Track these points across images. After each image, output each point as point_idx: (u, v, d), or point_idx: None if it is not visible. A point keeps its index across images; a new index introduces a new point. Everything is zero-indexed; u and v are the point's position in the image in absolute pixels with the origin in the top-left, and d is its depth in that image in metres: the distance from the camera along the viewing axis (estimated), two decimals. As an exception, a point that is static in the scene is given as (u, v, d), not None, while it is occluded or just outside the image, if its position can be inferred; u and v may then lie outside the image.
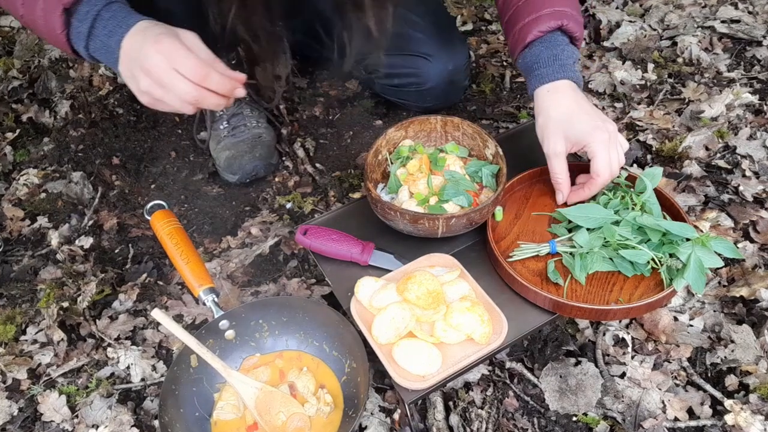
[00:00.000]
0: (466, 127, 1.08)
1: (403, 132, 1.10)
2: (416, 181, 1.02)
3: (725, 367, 1.00)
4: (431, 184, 1.01)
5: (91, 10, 0.85)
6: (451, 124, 1.09)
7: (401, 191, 1.03)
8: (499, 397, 0.99)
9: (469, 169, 1.05)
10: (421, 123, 1.10)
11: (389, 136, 1.08)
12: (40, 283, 1.22)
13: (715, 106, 1.44)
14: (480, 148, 1.07)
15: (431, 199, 1.00)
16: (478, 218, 0.97)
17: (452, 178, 1.01)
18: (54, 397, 1.04)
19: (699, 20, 1.72)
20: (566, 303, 0.92)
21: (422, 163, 1.04)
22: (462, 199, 0.98)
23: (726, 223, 1.20)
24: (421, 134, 1.11)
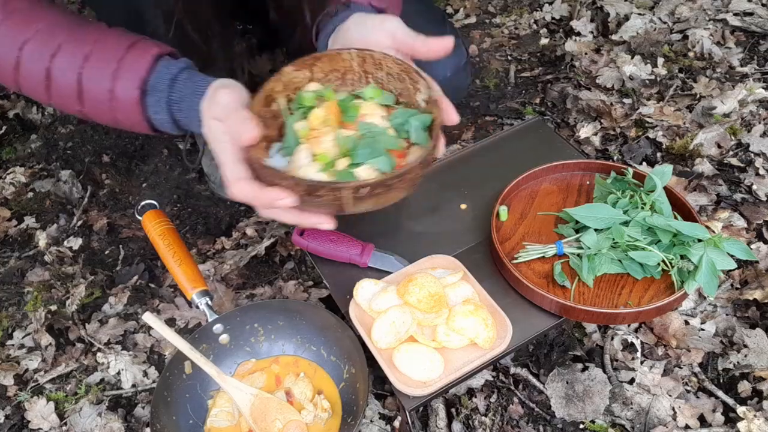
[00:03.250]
0: (392, 65, 0.84)
1: (308, 72, 0.86)
2: (320, 137, 0.80)
3: (738, 373, 1.00)
4: (341, 142, 0.79)
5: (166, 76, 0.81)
6: (372, 60, 0.85)
7: (299, 152, 0.79)
8: (504, 404, 0.99)
9: (393, 121, 0.82)
10: (331, 59, 0.86)
11: (287, 77, 0.84)
12: (27, 285, 1.22)
13: (727, 101, 1.44)
14: (410, 92, 0.84)
15: (339, 162, 0.77)
16: (402, 186, 0.75)
17: (369, 132, 0.79)
18: (42, 403, 1.04)
19: (711, 13, 1.72)
20: (573, 306, 0.92)
21: (329, 112, 0.82)
22: (382, 160, 0.76)
23: (739, 223, 1.20)
24: (332, 75, 0.88)
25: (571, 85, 1.56)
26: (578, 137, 1.42)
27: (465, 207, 1.13)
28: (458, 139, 1.46)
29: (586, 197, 1.11)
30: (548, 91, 1.56)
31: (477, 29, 1.81)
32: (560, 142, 1.25)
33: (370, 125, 0.80)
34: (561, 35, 1.75)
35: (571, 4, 1.82)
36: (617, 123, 1.44)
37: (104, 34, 0.82)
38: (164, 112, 0.82)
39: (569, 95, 1.52)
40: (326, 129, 0.80)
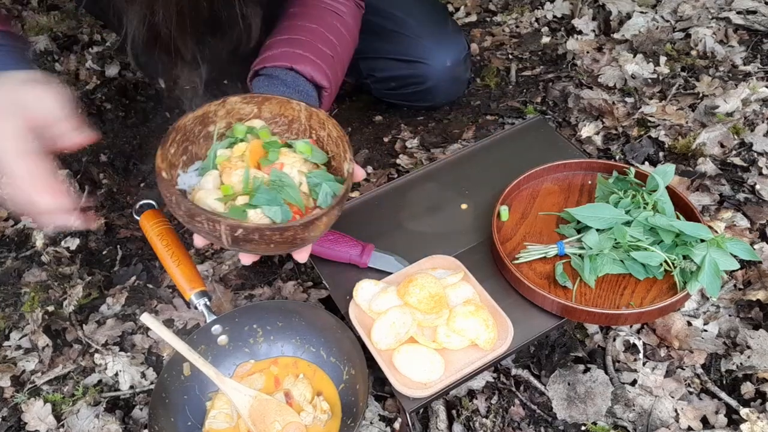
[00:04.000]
0: (333, 128, 0.87)
1: (255, 108, 0.89)
2: (233, 169, 0.82)
3: (741, 374, 1.00)
4: (248, 180, 0.80)
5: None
6: (317, 118, 0.88)
7: (209, 176, 0.83)
8: (505, 406, 0.99)
9: (310, 179, 0.84)
10: (282, 105, 0.89)
11: (232, 106, 0.87)
12: (24, 286, 1.22)
13: (730, 100, 1.44)
14: (340, 159, 0.87)
15: (239, 199, 0.79)
16: (278, 239, 0.74)
17: (278, 180, 0.80)
18: (39, 405, 1.04)
19: (714, 11, 1.72)
20: (575, 307, 0.92)
21: (250, 149, 0.84)
22: (275, 210, 0.78)
23: (742, 223, 1.20)
24: (280, 120, 0.91)
25: (572, 83, 1.56)
26: (580, 136, 1.42)
27: (466, 207, 1.13)
28: (459, 139, 1.46)
29: (587, 197, 1.11)
30: (550, 90, 1.56)
31: (478, 28, 1.81)
32: (562, 141, 1.25)
33: (282, 174, 0.82)
34: (562, 34, 1.75)
35: (572, 2, 1.82)
36: (619, 122, 1.44)
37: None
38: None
39: (571, 94, 1.52)
40: (241, 164, 0.83)
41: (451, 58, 1.36)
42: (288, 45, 1.04)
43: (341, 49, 1.11)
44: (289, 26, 1.08)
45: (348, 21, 1.14)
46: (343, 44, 1.12)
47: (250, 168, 0.81)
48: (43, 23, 1.87)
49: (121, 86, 1.66)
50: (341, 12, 1.12)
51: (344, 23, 1.12)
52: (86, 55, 1.78)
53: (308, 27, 1.07)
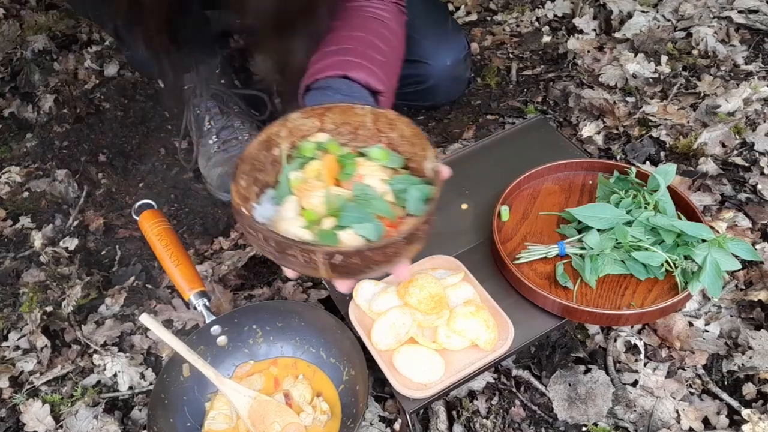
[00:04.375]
0: (404, 127, 0.80)
1: (317, 121, 0.82)
2: (311, 191, 0.76)
3: (743, 375, 1.00)
4: (331, 200, 0.74)
5: None
6: (385, 120, 0.82)
7: (287, 203, 0.76)
8: (505, 407, 0.99)
9: (393, 186, 0.77)
10: (343, 112, 0.82)
11: (293, 123, 0.81)
12: (22, 286, 1.22)
13: (731, 100, 1.44)
14: (419, 158, 0.80)
15: (325, 221, 0.73)
16: (380, 259, 0.68)
17: (362, 194, 0.75)
18: (37, 406, 1.04)
19: (715, 10, 1.72)
20: (576, 307, 0.92)
21: (325, 167, 0.78)
22: (368, 227, 0.71)
23: (743, 223, 1.20)
24: (344, 128, 0.84)
25: (573, 83, 1.56)
26: (581, 136, 1.42)
27: (466, 207, 1.13)
28: (459, 138, 1.46)
29: (588, 197, 1.11)
30: (550, 90, 1.56)
31: (478, 27, 1.81)
32: (562, 141, 1.25)
33: (365, 187, 0.75)
34: (563, 33, 1.75)
35: (573, 1, 1.82)
36: (620, 122, 1.44)
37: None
38: None
39: (572, 94, 1.52)
40: (318, 184, 0.76)
41: (452, 58, 1.37)
42: (337, 54, 1.01)
43: (391, 54, 1.07)
44: (334, 37, 1.05)
45: (393, 26, 1.10)
46: (392, 49, 1.08)
47: (330, 186, 0.76)
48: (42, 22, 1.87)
49: (120, 85, 1.67)
50: (385, 18, 1.09)
51: (390, 29, 1.09)
52: (85, 54, 1.78)
53: (354, 36, 1.04)
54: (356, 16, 1.08)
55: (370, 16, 1.08)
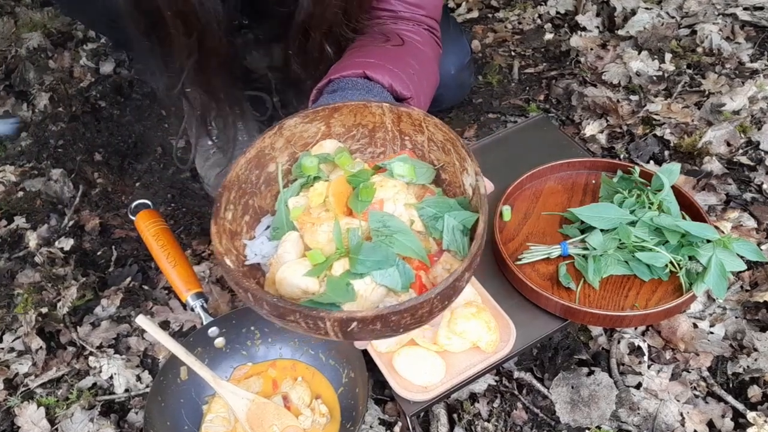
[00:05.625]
0: (434, 129, 0.64)
1: (322, 125, 0.66)
2: (316, 225, 0.59)
3: (748, 377, 1.00)
4: (339, 236, 0.58)
5: None
6: (409, 119, 0.65)
7: (286, 240, 0.60)
8: (507, 410, 0.99)
9: (424, 212, 0.61)
10: (356, 112, 0.66)
11: (293, 131, 0.65)
12: (17, 287, 1.22)
13: (737, 98, 1.44)
14: (456, 170, 0.63)
15: (336, 265, 0.57)
16: (408, 322, 0.53)
17: (382, 227, 0.58)
18: (32, 409, 1.04)
19: (720, 7, 1.72)
20: (578, 309, 0.92)
21: (333, 192, 0.61)
22: (392, 276, 0.56)
23: (749, 223, 1.20)
24: (358, 132, 0.67)
25: (576, 81, 1.56)
26: (584, 135, 1.42)
27: (467, 207, 1.13)
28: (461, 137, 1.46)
29: (591, 197, 1.11)
30: (553, 88, 1.56)
31: (479, 24, 1.81)
32: (565, 140, 1.25)
33: (385, 217, 0.58)
34: (566, 30, 1.75)
35: (576, -2, 1.82)
36: (624, 120, 1.44)
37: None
38: None
39: (574, 92, 1.52)
40: (325, 214, 0.60)
41: (456, 65, 1.34)
42: (358, 57, 0.88)
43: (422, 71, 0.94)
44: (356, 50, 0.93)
45: (426, 51, 0.99)
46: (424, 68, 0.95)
47: (340, 218, 0.59)
48: (37, 20, 1.87)
49: (116, 84, 1.67)
50: (417, 41, 0.99)
51: (422, 52, 0.98)
52: (80, 52, 1.78)
53: (381, 48, 0.92)
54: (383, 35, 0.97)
55: (399, 35, 0.97)
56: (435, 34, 1.06)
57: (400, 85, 0.85)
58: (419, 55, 0.96)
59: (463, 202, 0.62)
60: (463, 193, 0.62)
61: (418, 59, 0.95)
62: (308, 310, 0.51)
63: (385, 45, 0.93)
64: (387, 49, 0.92)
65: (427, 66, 0.98)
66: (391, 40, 0.95)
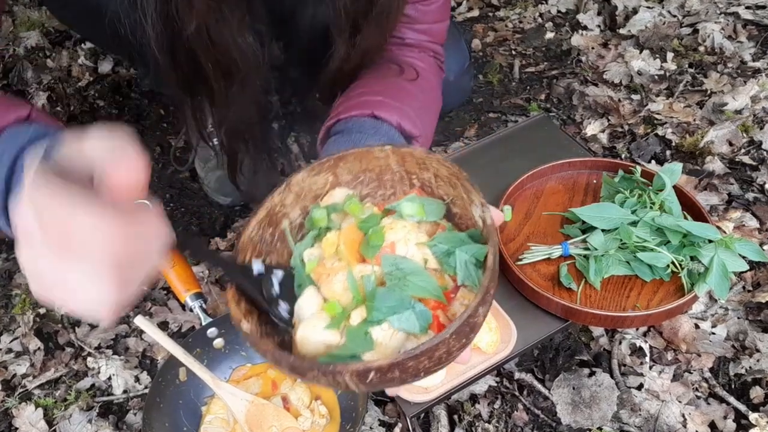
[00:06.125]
0: (438, 166, 0.64)
1: (330, 176, 0.67)
2: (331, 275, 0.59)
3: (750, 378, 1.00)
4: (354, 284, 0.58)
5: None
6: (412, 159, 0.66)
7: (304, 295, 0.60)
8: (508, 411, 0.99)
9: (436, 249, 0.61)
10: (361, 158, 0.66)
11: (302, 186, 0.65)
12: (15, 287, 1.22)
13: (739, 98, 1.44)
14: (465, 203, 0.64)
15: (354, 314, 0.56)
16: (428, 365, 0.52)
17: (395, 270, 0.58)
18: (30, 410, 1.04)
19: (722, 6, 1.72)
20: (580, 309, 0.92)
21: (343, 240, 0.61)
22: (409, 319, 0.56)
23: (751, 223, 1.20)
24: (366, 176, 0.68)
25: (577, 80, 1.56)
26: (585, 134, 1.42)
27: (468, 207, 1.13)
28: (461, 137, 1.46)
29: (593, 196, 1.11)
30: (554, 87, 1.56)
31: (480, 23, 1.81)
32: (566, 139, 1.25)
33: (397, 260, 0.58)
34: (567, 29, 1.75)
35: (577, -4, 1.82)
36: (625, 120, 1.44)
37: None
38: (5, 166, 0.61)
39: (575, 91, 1.52)
40: (338, 264, 0.60)
41: (455, 71, 1.33)
42: (364, 96, 0.88)
43: (427, 102, 0.95)
44: (362, 83, 0.93)
45: (431, 78, 0.99)
46: (429, 98, 0.96)
47: (353, 266, 0.59)
48: (35, 18, 1.87)
49: (115, 83, 1.66)
50: (421, 68, 0.97)
51: (427, 80, 0.97)
52: (78, 51, 1.78)
53: (387, 81, 0.91)
54: (388, 63, 0.96)
55: (404, 63, 0.96)
56: (439, 59, 1.04)
57: (408, 123, 0.85)
58: (426, 86, 0.96)
59: (474, 234, 0.62)
60: (475, 225, 0.62)
61: (425, 91, 0.95)
62: (325, 367, 0.51)
63: (397, 79, 0.92)
64: (395, 82, 0.91)
65: (433, 96, 0.99)
66: (405, 72, 0.93)
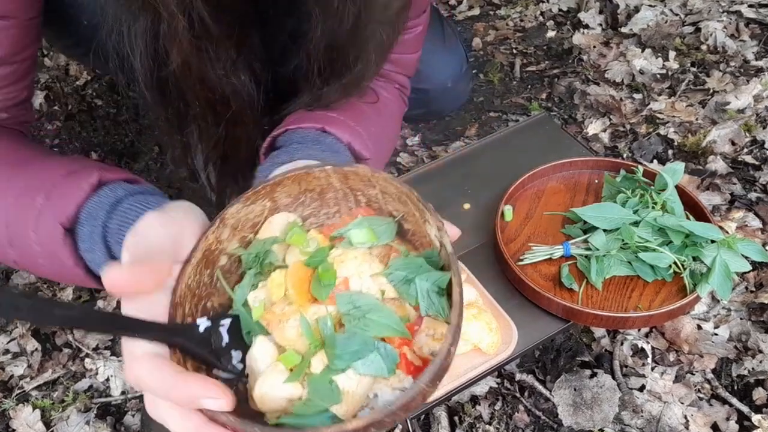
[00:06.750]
0: (385, 183, 0.59)
1: (267, 202, 0.61)
2: (283, 320, 0.54)
3: (753, 380, 1.00)
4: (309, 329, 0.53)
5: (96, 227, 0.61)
6: (356, 177, 0.60)
7: (258, 345, 0.54)
8: (509, 412, 0.99)
9: (392, 276, 0.56)
10: (300, 180, 0.61)
11: (238, 217, 0.59)
12: (12, 288, 1.22)
13: (741, 97, 1.44)
14: (417, 220, 0.60)
15: (314, 361, 0.51)
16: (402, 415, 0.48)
17: (353, 308, 0.53)
18: (27, 411, 1.04)
19: (724, 4, 1.72)
20: (581, 310, 0.92)
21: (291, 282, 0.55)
22: (375, 363, 0.51)
23: (754, 223, 1.20)
24: (306, 197, 0.63)
25: (578, 79, 1.56)
26: (586, 134, 1.42)
27: (468, 207, 1.13)
28: (461, 136, 1.46)
29: (594, 196, 1.11)
30: (555, 86, 1.56)
31: (480, 21, 1.81)
32: (567, 138, 1.25)
33: (353, 297, 0.54)
34: (568, 28, 1.75)
35: (578, -5, 1.82)
36: (627, 119, 1.44)
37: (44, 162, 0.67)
38: (99, 248, 0.61)
39: (577, 90, 1.52)
40: (289, 308, 0.54)
41: (453, 78, 1.32)
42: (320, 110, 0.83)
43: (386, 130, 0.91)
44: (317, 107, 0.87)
45: (393, 108, 0.95)
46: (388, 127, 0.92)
47: (305, 309, 0.53)
48: (32, 17, 1.87)
49: (113, 82, 1.67)
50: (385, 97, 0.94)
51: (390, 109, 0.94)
52: (76, 49, 1.78)
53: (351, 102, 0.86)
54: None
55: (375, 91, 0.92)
56: (404, 92, 1.01)
57: (359, 144, 0.80)
58: (385, 111, 0.93)
59: (431, 256, 0.58)
60: (431, 244, 0.58)
61: (383, 116, 0.92)
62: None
63: (357, 101, 0.88)
64: (353, 104, 0.87)
65: (391, 123, 0.96)
66: (365, 96, 0.89)
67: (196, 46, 0.70)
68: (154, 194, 0.66)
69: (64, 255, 0.62)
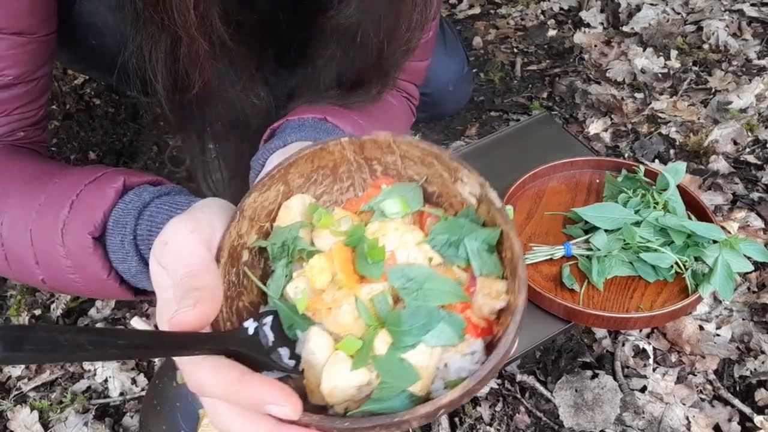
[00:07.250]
0: (407, 147, 0.57)
1: (281, 186, 0.59)
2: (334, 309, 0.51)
3: (755, 381, 1.00)
4: (366, 311, 0.50)
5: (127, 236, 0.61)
6: (373, 144, 0.58)
7: (313, 338, 0.51)
8: (510, 413, 0.99)
9: (435, 241, 0.54)
10: (312, 158, 0.59)
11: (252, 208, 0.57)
12: (9, 289, 1.22)
13: (744, 96, 1.44)
14: (445, 181, 0.57)
15: (377, 343, 0.49)
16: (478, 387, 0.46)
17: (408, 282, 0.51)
18: (25, 412, 1.04)
19: (726, 3, 1.72)
20: (582, 311, 0.92)
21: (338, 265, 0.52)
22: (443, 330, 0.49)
23: (756, 223, 1.20)
24: (319, 176, 0.61)
25: (580, 78, 1.56)
26: (587, 133, 1.42)
27: (469, 206, 1.13)
28: (462, 136, 1.46)
29: (595, 196, 1.11)
30: (556, 85, 1.56)
31: (481, 20, 1.81)
32: (568, 138, 1.25)
33: (405, 270, 0.51)
34: (569, 26, 1.75)
35: (580, -7, 1.82)
36: (628, 118, 1.44)
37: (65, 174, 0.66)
38: (132, 256, 0.61)
39: (578, 89, 1.52)
40: (339, 293, 0.51)
41: (454, 81, 1.32)
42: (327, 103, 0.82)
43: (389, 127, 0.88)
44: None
45: (399, 115, 0.95)
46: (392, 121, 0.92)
47: (357, 291, 0.51)
48: (30, 16, 1.87)
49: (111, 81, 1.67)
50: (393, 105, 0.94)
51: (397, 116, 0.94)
52: (74, 48, 1.78)
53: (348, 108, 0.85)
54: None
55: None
56: (412, 102, 1.00)
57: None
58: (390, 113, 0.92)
59: (468, 214, 0.56)
60: (462, 204, 0.56)
61: (389, 117, 0.91)
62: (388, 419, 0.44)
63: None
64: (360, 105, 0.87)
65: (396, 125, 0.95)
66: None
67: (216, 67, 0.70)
68: (180, 194, 0.66)
69: (95, 266, 0.61)
